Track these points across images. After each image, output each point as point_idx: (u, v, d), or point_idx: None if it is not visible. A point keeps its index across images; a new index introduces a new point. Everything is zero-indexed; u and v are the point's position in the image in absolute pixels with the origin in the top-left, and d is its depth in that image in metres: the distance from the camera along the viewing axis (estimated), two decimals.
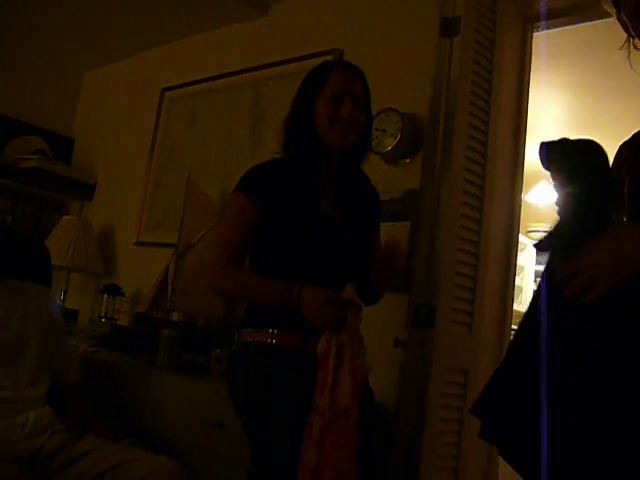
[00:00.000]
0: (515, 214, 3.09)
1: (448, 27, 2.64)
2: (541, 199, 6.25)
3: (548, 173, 1.45)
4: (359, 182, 2.20)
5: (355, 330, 1.91)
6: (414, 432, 2.43)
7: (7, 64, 4.60)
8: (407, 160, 2.94)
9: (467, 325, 2.61)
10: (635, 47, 1.47)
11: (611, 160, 1.44)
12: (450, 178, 2.57)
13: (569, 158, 1.41)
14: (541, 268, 5.47)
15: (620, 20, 1.46)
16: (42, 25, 4.41)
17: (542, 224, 6.89)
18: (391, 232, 2.62)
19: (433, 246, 2.52)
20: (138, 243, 4.22)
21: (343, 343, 1.86)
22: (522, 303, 6.60)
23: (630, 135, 1.46)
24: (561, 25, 3.05)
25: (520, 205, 3.15)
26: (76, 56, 4.82)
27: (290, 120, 2.11)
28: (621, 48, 1.49)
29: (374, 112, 2.46)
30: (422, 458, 2.39)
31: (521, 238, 3.51)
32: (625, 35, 1.47)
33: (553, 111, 4.99)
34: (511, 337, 3.19)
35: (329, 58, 3.25)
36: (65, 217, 4.42)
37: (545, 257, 1.44)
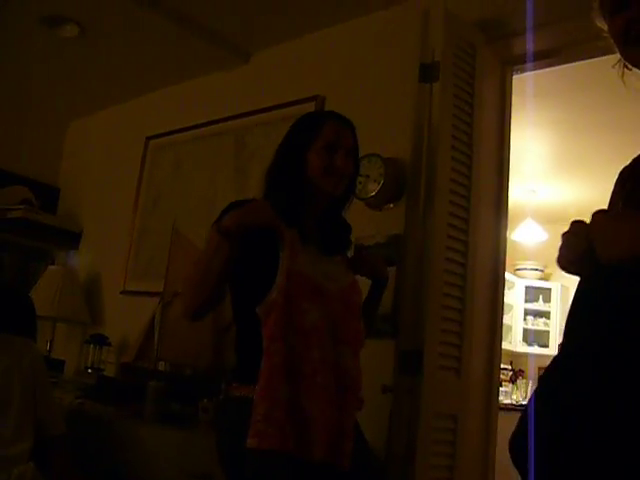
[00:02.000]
0: (501, 253, 3.08)
1: (427, 73, 2.66)
2: (527, 237, 6.27)
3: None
4: (340, 229, 2.20)
5: None
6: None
7: None
8: (391, 205, 2.94)
9: (455, 370, 2.58)
10: (626, 66, 1.48)
11: None
12: (434, 222, 2.57)
13: None
14: (530, 306, 5.47)
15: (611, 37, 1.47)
16: (27, 75, 4.42)
17: (528, 262, 6.93)
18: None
19: (419, 291, 2.51)
20: (124, 292, 4.19)
21: None
22: (512, 342, 6.59)
23: (630, 160, 1.45)
24: (540, 67, 3.08)
25: (505, 243, 3.14)
26: (61, 105, 4.84)
27: (276, 168, 2.11)
28: (613, 66, 1.50)
29: None
30: None
31: (509, 276, 3.52)
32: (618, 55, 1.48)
33: (537, 149, 5.04)
34: (499, 378, 3.16)
35: (311, 105, 3.27)
36: (51, 267, 4.40)
37: None
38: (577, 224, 1.36)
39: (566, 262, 1.39)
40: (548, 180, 5.71)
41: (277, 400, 1.82)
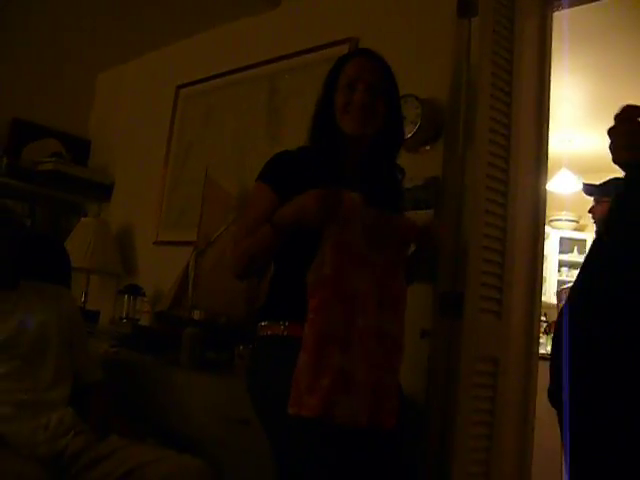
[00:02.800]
0: (540, 200, 3.00)
1: (466, 7, 2.58)
2: (562, 187, 6.15)
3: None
4: (387, 175, 2.13)
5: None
6: (444, 424, 2.37)
7: (21, 67, 4.57)
8: (428, 147, 2.87)
9: (496, 313, 2.54)
10: None
11: None
12: (473, 163, 2.51)
13: None
14: (564, 258, 5.39)
15: None
16: (54, 27, 4.38)
17: (564, 212, 6.81)
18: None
19: (458, 233, 2.46)
20: (157, 242, 4.18)
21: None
22: (546, 293, 6.51)
23: None
24: (582, 3, 2.96)
25: (545, 191, 3.07)
26: (89, 57, 4.78)
27: (315, 113, 2.08)
28: None
29: None
30: (453, 450, 2.33)
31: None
32: None
33: (573, 96, 4.90)
34: (539, 322, 3.11)
35: (344, 47, 3.19)
36: (83, 219, 4.39)
37: None
38: (631, 108, 1.29)
39: (620, 149, 1.33)
40: (584, 129, 5.56)
41: (322, 368, 1.78)
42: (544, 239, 3.09)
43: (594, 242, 1.69)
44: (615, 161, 1.41)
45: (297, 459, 1.84)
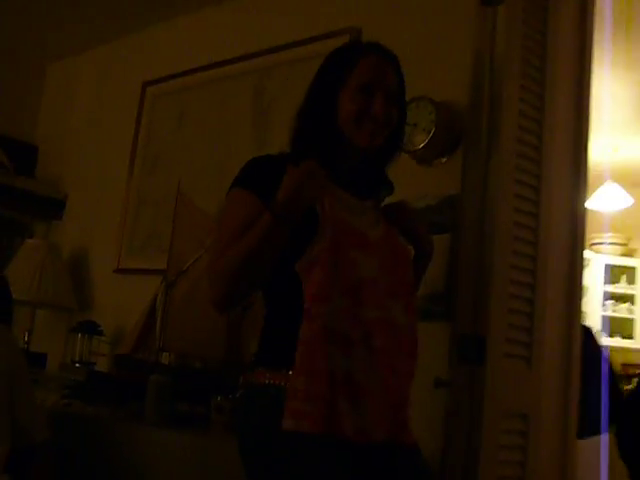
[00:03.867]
0: (579, 222, 3.02)
1: None
2: (606, 204, 6.17)
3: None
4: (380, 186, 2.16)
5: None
6: None
7: None
8: (444, 159, 2.90)
9: (525, 359, 2.55)
10: None
11: None
12: (498, 179, 2.53)
13: None
14: (610, 289, 5.43)
15: None
16: None
17: (608, 234, 6.83)
18: None
19: (480, 263, 2.47)
20: (118, 270, 4.20)
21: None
22: None
23: None
24: None
25: (584, 208, 3.09)
26: (38, 45, 4.81)
27: (304, 112, 2.07)
28: None
29: None
30: None
31: (585, 252, 3.44)
32: None
33: (619, 94, 4.93)
34: (579, 370, 3.13)
35: (344, 39, 3.22)
36: (29, 241, 4.40)
37: None
38: None
39: None
40: (632, 134, 5.61)
41: (319, 372, 1.78)
42: (583, 268, 3.11)
43: None
44: None
45: None
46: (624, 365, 6.22)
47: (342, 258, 1.86)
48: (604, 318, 6.74)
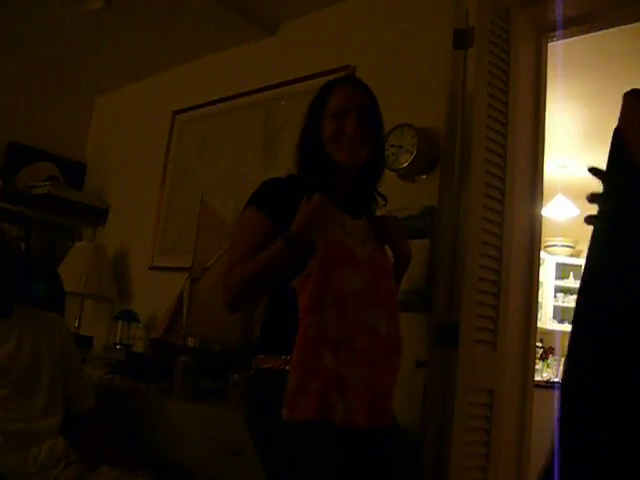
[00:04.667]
0: (536, 228, 3.01)
1: (462, 38, 2.59)
2: (557, 213, 6.16)
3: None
4: (371, 202, 2.14)
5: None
6: (439, 456, 2.35)
7: (19, 90, 4.59)
8: (424, 176, 2.87)
9: (491, 344, 2.53)
10: None
11: None
12: (469, 192, 2.51)
13: None
14: (560, 283, 5.37)
15: None
16: (53, 50, 4.38)
17: (559, 238, 6.82)
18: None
19: (454, 263, 2.45)
20: (152, 267, 4.17)
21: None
22: (542, 319, 6.51)
23: None
24: (576, 34, 2.99)
25: (540, 218, 3.07)
26: (88, 81, 4.80)
27: (300, 140, 2.07)
28: None
29: (389, 128, 2.39)
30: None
31: (540, 253, 3.42)
32: None
33: (568, 123, 4.92)
34: (535, 353, 3.10)
35: (341, 75, 3.20)
36: (78, 243, 4.39)
37: None
38: None
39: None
40: (579, 155, 5.58)
41: (312, 370, 1.79)
42: (539, 267, 3.08)
43: None
44: None
45: (296, 476, 1.82)
46: None
47: (331, 274, 1.86)
48: (556, 308, 6.72)
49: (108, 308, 4.31)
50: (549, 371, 6.26)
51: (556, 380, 5.67)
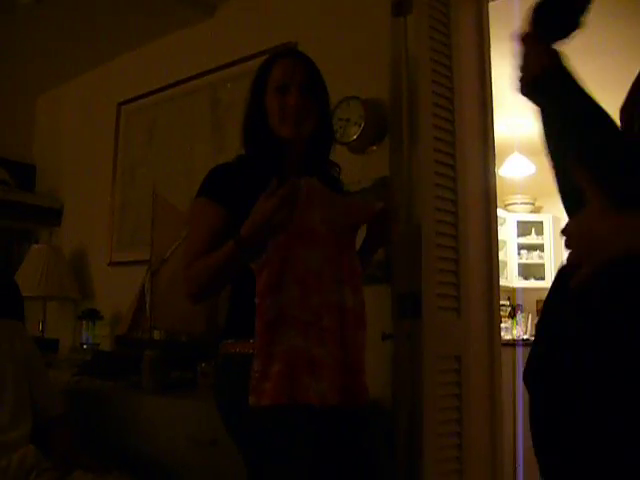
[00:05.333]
0: (491, 187, 2.99)
1: (400, 6, 2.56)
2: (515, 171, 6.19)
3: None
4: (325, 174, 2.10)
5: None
6: (412, 426, 2.35)
7: None
8: (374, 147, 2.85)
9: (455, 310, 2.53)
10: None
11: None
12: (420, 160, 2.49)
13: None
14: (523, 241, 5.39)
15: None
16: None
17: (518, 196, 6.86)
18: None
19: (411, 233, 2.43)
20: (111, 263, 4.11)
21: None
22: (508, 278, 6.56)
23: None
24: None
25: (495, 177, 3.05)
26: (27, 80, 4.68)
27: (245, 119, 2.03)
28: None
29: (336, 102, 2.35)
30: (423, 451, 2.31)
31: (499, 212, 3.43)
32: None
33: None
34: (500, 314, 3.11)
35: None
36: (34, 246, 4.30)
37: None
38: None
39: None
40: (533, 112, 5.59)
41: (273, 355, 1.77)
42: (497, 226, 3.08)
43: None
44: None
45: (274, 463, 1.78)
46: (539, 301, 6.24)
47: (290, 255, 1.83)
48: (520, 265, 6.78)
49: (71, 309, 4.25)
50: (518, 328, 6.32)
51: (525, 337, 5.72)
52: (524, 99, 1.44)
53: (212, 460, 2.50)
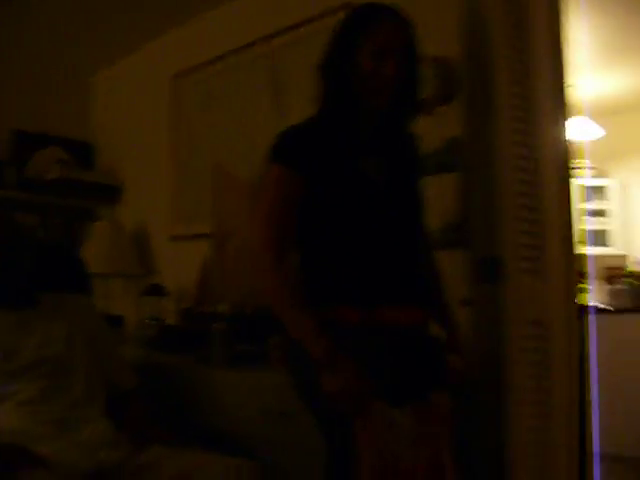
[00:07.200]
0: (563, 148, 2.84)
1: None
2: (577, 134, 5.95)
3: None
4: (404, 143, 2.00)
5: None
6: (498, 394, 2.24)
7: (14, 78, 4.44)
8: (444, 107, 2.72)
9: (537, 273, 2.39)
10: None
11: None
12: (496, 118, 2.35)
13: None
14: (587, 206, 5.11)
15: None
16: (42, 33, 4.24)
17: (580, 160, 6.62)
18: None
19: (489, 193, 2.31)
20: (173, 238, 4.08)
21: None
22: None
23: None
24: None
25: (567, 139, 2.90)
26: (83, 59, 4.63)
27: (325, 70, 1.90)
28: None
29: None
30: (510, 419, 2.21)
31: None
32: None
33: (582, 36, 4.68)
34: (577, 279, 2.97)
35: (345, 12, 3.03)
36: (97, 223, 4.29)
37: None
38: None
39: None
40: (597, 70, 5.34)
41: None
42: (570, 189, 2.93)
43: None
44: None
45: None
46: (604, 269, 6.04)
47: None
48: (586, 231, 6.56)
49: (135, 285, 4.22)
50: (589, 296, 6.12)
51: (597, 305, 5.52)
52: (591, 59, 1.31)
53: (285, 431, 2.45)
